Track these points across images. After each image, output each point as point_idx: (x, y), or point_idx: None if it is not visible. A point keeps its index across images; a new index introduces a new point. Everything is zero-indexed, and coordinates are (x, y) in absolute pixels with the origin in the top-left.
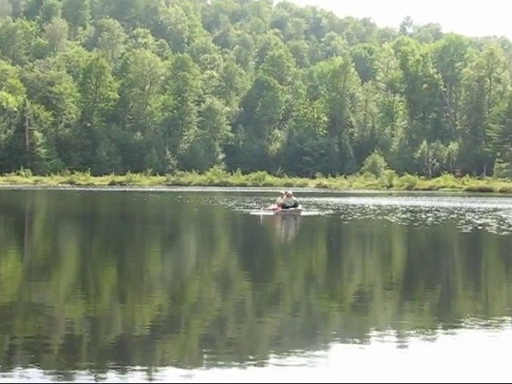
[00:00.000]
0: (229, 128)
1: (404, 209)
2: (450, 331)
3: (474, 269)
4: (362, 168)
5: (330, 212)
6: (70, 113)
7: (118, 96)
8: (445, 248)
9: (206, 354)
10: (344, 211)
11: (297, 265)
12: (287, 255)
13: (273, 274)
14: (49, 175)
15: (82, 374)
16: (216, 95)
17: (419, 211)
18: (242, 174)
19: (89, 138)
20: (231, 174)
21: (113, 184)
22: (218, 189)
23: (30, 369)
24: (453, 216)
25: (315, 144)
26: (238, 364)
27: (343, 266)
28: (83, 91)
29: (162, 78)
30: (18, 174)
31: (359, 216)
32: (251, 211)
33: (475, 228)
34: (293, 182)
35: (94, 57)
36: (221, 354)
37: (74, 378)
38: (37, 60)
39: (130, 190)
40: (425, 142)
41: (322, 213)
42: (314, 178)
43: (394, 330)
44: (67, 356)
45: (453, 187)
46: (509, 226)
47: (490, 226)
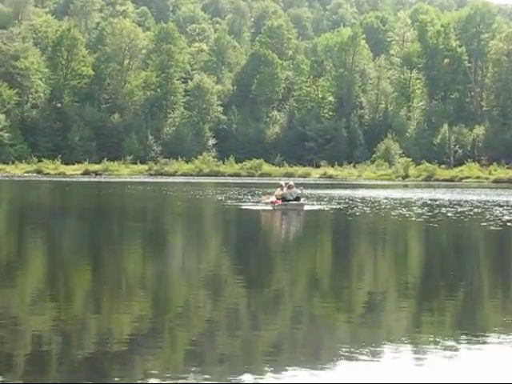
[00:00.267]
0: (220, 109)
1: (421, 202)
2: (474, 347)
3: (503, 273)
4: (374, 156)
5: (336, 206)
6: (37, 91)
7: (92, 72)
8: (468, 248)
9: (192, 372)
10: (352, 205)
11: (298, 268)
12: (287, 256)
13: (270, 278)
14: (13, 163)
15: None
16: (206, 71)
17: (439, 205)
18: (236, 163)
19: (59, 121)
20: (223, 163)
21: (87, 173)
22: (207, 179)
23: None
24: (478, 211)
25: (320, 128)
26: (229, 383)
27: (351, 268)
28: (52, 67)
29: (144, 51)
30: None
31: (370, 211)
32: (245, 205)
33: (504, 225)
34: (294, 172)
35: (65, 27)
36: (210, 372)
37: None
38: None
39: (106, 180)
40: (446, 126)
41: (327, 207)
42: (318, 166)
43: (410, 345)
44: (33, 374)
45: (478, 178)
46: None
47: None
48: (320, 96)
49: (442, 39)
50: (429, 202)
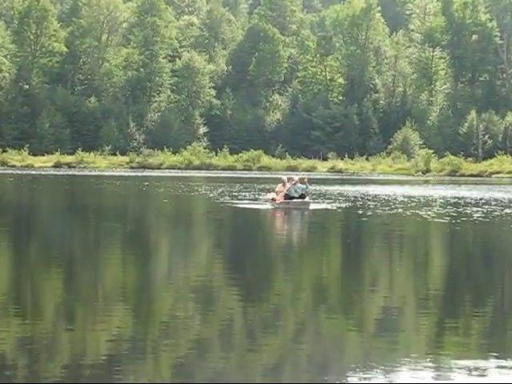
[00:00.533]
0: (213, 93)
1: (444, 201)
2: (504, 372)
3: None
4: (390, 147)
5: (345, 205)
6: (0, 71)
7: (65, 49)
8: (498, 255)
9: None
10: (364, 204)
11: (302, 277)
12: (289, 264)
13: (270, 289)
14: None
15: None
16: (196, 49)
17: (464, 205)
18: (231, 154)
19: (26, 105)
20: (215, 154)
21: (58, 166)
22: (197, 173)
23: None
24: (509, 211)
25: (327, 114)
26: None
27: (363, 279)
28: (19, 42)
29: (125, 25)
30: None
31: (385, 210)
32: (241, 203)
33: None
34: (297, 165)
35: None
36: None
37: None
38: None
39: (80, 174)
40: (473, 113)
41: (335, 206)
42: (325, 159)
43: (431, 365)
44: None
45: (510, 173)
46: None
47: None
48: (328, 77)
49: (469, 12)
50: (453, 200)
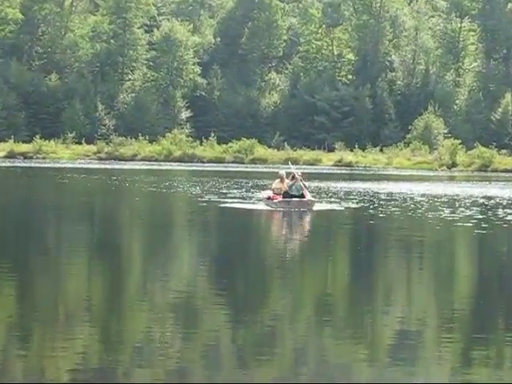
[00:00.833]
0: (198, 70)
1: (472, 201)
2: None
3: None
4: (409, 136)
5: (355, 205)
6: None
7: (20, 16)
8: None
9: None
10: (377, 204)
11: (303, 291)
12: (288, 276)
13: (264, 306)
14: None
15: None
16: (178, 17)
17: (496, 205)
18: (218, 144)
19: None
20: (200, 144)
21: (12, 157)
22: (179, 166)
23: None
24: None
25: (334, 97)
26: None
27: (375, 293)
28: None
29: None
30: None
31: (401, 212)
32: (231, 202)
33: None
34: (298, 157)
35: None
36: None
37: None
38: None
39: (38, 165)
40: (509, 96)
41: (341, 206)
42: (331, 150)
43: None
44: None
45: None
46: None
47: None
48: (335, 53)
49: None
50: (482, 200)
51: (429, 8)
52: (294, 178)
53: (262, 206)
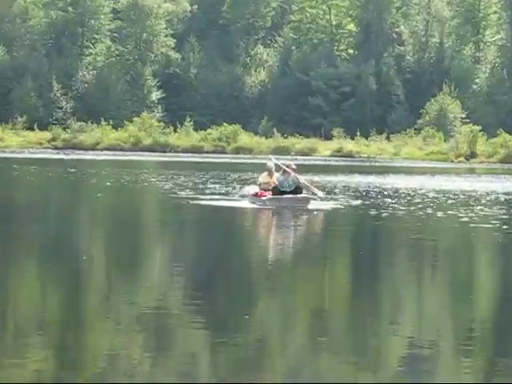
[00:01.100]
0: (171, 43)
1: (494, 198)
2: None
3: None
4: (420, 121)
5: (356, 203)
6: None
7: None
8: None
9: None
10: (381, 202)
11: (295, 305)
12: (278, 287)
13: (250, 322)
14: None
15: None
16: None
17: None
18: (195, 130)
19: None
20: (174, 130)
21: None
22: (148, 156)
23: None
24: None
25: (332, 75)
26: None
27: (380, 306)
28: None
29: None
30: None
31: (410, 211)
32: (210, 199)
33: None
34: (290, 146)
35: None
36: None
37: None
38: None
39: None
40: None
41: (341, 204)
42: (328, 138)
43: None
44: None
45: None
46: None
47: None
48: (334, 23)
49: None
50: (506, 197)
51: None
52: (285, 171)
53: (246, 204)
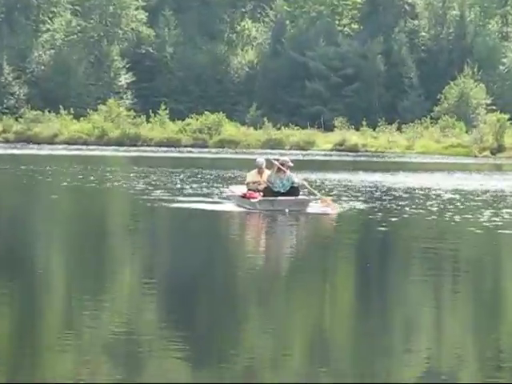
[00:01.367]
0: (142, 17)
1: None
2: None
3: None
4: (437, 109)
5: (361, 205)
6: None
7: None
8: None
9: None
10: (392, 204)
11: (290, 324)
12: (270, 303)
13: (237, 344)
14: None
15: None
16: None
17: None
18: (172, 120)
19: None
20: (147, 120)
21: None
22: (116, 151)
23: None
24: None
25: (333, 54)
26: None
27: (390, 327)
28: None
29: None
30: None
31: (424, 214)
32: (188, 202)
33: None
34: (283, 139)
35: None
36: None
37: None
38: None
39: None
40: None
41: (344, 207)
42: (329, 129)
43: None
44: None
45: None
46: None
47: None
48: None
49: None
50: None
51: None
52: (280, 169)
53: (232, 207)
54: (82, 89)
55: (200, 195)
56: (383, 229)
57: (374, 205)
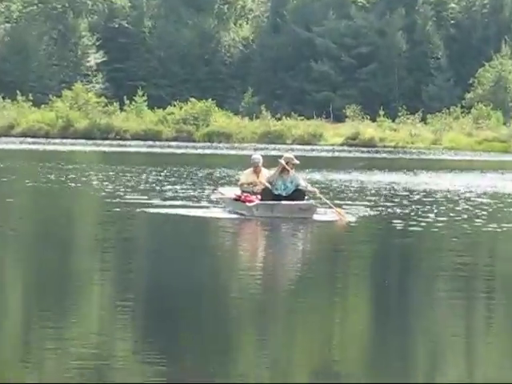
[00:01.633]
0: None
1: None
2: None
3: None
4: (470, 96)
5: (377, 212)
6: None
7: None
8: None
9: None
10: (413, 210)
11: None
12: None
13: (231, 377)
14: None
15: None
16: None
17: None
18: (150, 108)
19: None
20: (120, 108)
21: None
22: (84, 145)
23: None
24: None
25: (345, 30)
26: None
27: (412, 357)
28: None
29: None
30: None
31: (451, 222)
32: (170, 207)
33: None
34: (285, 131)
35: None
36: None
37: None
38: None
39: None
40: None
41: (358, 214)
42: (340, 119)
43: None
44: None
45: None
46: None
47: None
48: None
49: None
50: None
51: None
52: (284, 169)
53: (223, 213)
54: (42, 71)
55: (184, 199)
56: (403, 240)
57: (392, 211)
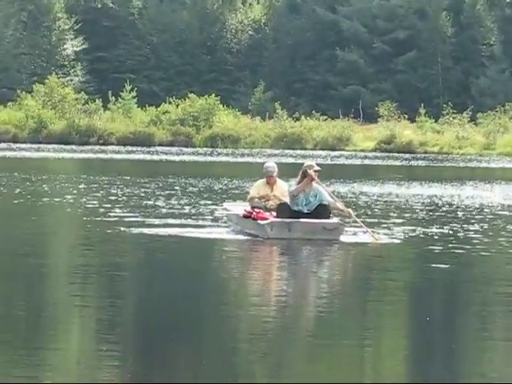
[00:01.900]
0: None
1: None
2: None
3: None
4: None
5: (415, 232)
6: None
7: None
8: None
9: None
10: (459, 230)
11: None
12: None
13: None
14: None
15: None
16: None
17: None
18: (141, 107)
19: None
20: (104, 107)
21: None
22: (60, 152)
23: None
24: None
25: (378, 10)
26: None
27: None
28: None
29: None
30: None
31: (505, 245)
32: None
33: None
34: (304, 134)
35: None
36: None
37: None
38: None
39: None
40: None
41: (394, 235)
42: (371, 120)
43: None
44: None
45: None
46: None
47: None
48: None
49: None
50: None
51: None
52: (304, 176)
53: (228, 234)
54: (9, 61)
55: (181, 216)
56: (446, 266)
57: (433, 231)
